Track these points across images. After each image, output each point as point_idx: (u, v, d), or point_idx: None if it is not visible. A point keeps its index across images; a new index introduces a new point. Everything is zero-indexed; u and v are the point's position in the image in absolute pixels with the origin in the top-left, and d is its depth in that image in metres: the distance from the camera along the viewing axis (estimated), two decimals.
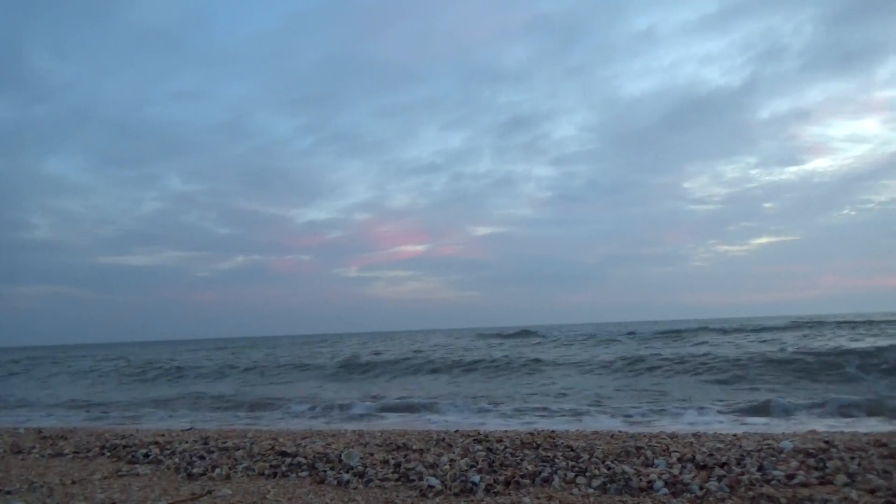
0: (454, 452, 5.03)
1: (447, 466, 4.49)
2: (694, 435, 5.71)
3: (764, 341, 22.36)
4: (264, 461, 5.00)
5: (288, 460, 4.96)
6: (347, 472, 4.49)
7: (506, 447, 5.12)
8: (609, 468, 4.22)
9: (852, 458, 4.24)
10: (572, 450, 4.90)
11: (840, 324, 33.44)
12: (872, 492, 3.58)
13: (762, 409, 9.27)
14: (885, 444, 4.68)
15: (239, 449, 5.57)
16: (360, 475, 4.41)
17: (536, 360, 19.39)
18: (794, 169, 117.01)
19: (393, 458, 4.88)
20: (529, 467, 4.36)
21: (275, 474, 4.64)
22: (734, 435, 5.66)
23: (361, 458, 4.92)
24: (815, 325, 33.54)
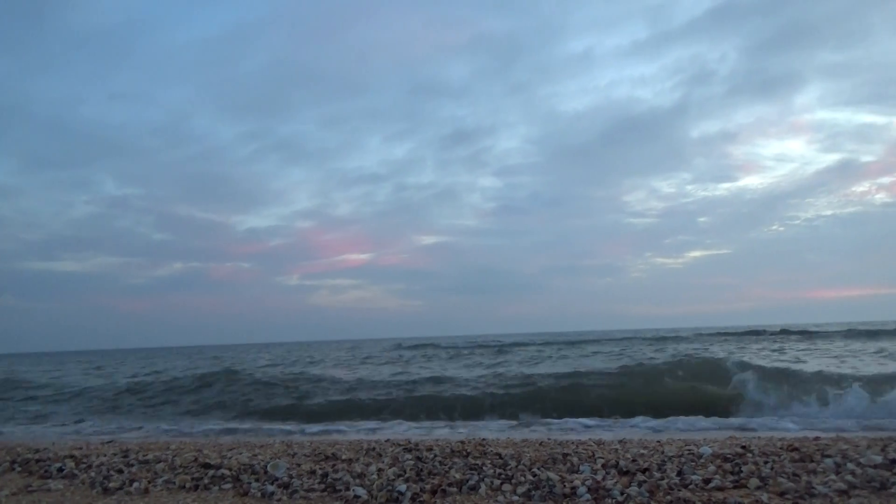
0: (383, 462, 4.99)
1: (375, 476, 4.45)
2: (620, 441, 5.85)
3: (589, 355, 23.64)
4: (186, 474, 4.83)
5: (211, 472, 4.81)
6: (272, 484, 4.39)
7: (435, 455, 5.11)
8: (535, 475, 4.27)
9: (766, 463, 4.42)
10: (501, 457, 4.93)
11: (764, 334, 35.11)
12: (782, 494, 3.74)
13: None
14: (797, 449, 4.91)
15: (160, 461, 5.37)
16: (286, 486, 4.32)
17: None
18: (726, 185, 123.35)
19: (321, 469, 4.80)
20: (457, 475, 4.36)
21: (196, 487, 4.49)
22: (658, 441, 5.82)
23: (288, 468, 4.82)
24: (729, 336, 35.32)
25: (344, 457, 5.30)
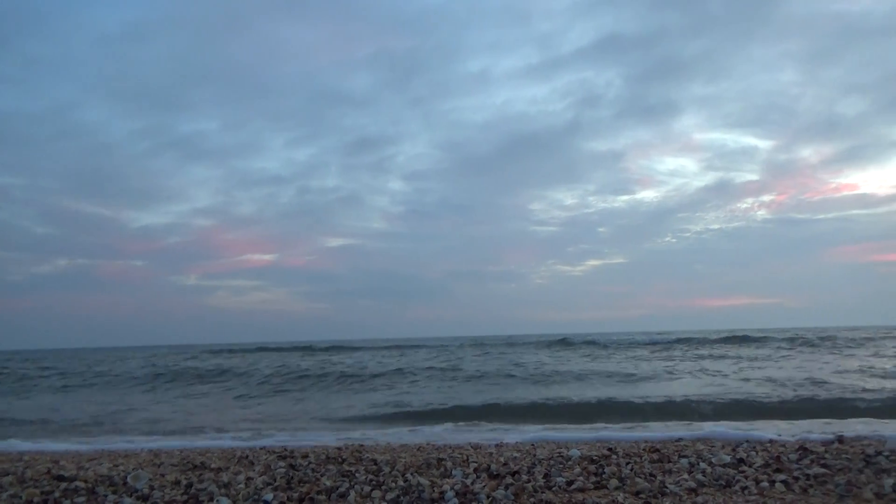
0: (254, 470, 4.84)
1: (242, 485, 4.30)
2: (496, 445, 5.97)
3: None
4: (36, 487, 4.48)
5: (64, 485, 4.48)
6: (130, 496, 4.15)
7: (310, 463, 5.01)
8: (406, 481, 4.28)
9: (627, 464, 4.64)
10: (375, 463, 4.90)
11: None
12: (637, 494, 3.95)
13: None
14: (657, 450, 5.19)
15: (8, 474, 4.96)
16: (145, 499, 4.10)
17: None
18: (625, 198, 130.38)
19: (186, 479, 4.59)
20: (328, 483, 4.30)
21: (45, 501, 4.16)
22: (532, 444, 5.99)
23: (150, 479, 4.58)
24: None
25: (213, 465, 5.10)
